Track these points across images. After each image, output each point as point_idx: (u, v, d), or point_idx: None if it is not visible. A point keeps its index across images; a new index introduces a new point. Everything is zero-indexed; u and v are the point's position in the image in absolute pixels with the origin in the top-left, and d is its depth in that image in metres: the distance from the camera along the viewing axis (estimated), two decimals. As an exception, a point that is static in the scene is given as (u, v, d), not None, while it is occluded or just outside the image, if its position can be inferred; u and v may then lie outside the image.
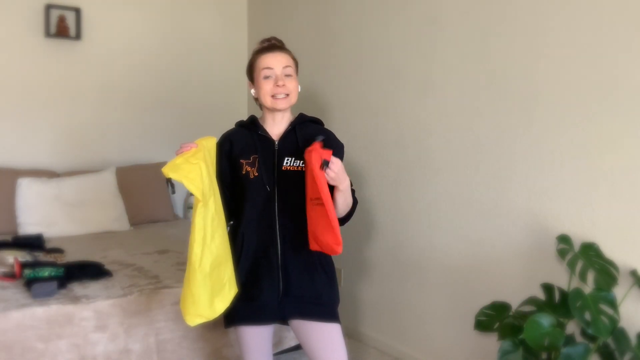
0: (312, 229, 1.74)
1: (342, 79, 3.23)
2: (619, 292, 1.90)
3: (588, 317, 1.83)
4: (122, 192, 3.45)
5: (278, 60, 1.80)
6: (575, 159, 2.11)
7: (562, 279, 2.11)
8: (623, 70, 1.96)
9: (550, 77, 2.18)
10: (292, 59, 1.84)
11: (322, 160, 1.63)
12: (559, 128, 2.15)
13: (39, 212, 3.13)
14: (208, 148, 1.72)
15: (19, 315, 2.01)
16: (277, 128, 1.86)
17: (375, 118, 3.01)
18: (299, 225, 1.80)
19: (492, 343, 2.29)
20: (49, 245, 2.80)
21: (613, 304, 1.86)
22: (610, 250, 2.00)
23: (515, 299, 2.17)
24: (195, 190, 1.57)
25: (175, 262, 2.65)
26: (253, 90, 1.86)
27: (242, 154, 1.83)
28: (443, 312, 2.68)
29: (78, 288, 2.24)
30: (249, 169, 1.80)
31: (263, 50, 1.82)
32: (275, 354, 2.41)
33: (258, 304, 1.80)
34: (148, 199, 3.54)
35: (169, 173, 1.54)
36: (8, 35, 3.37)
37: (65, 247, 2.78)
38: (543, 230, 2.22)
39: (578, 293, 1.87)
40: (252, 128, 1.86)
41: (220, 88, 4.11)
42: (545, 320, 1.87)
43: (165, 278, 2.40)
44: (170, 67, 3.92)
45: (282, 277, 1.80)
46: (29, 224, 3.10)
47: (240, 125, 1.91)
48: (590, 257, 1.96)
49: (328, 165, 1.64)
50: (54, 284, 2.16)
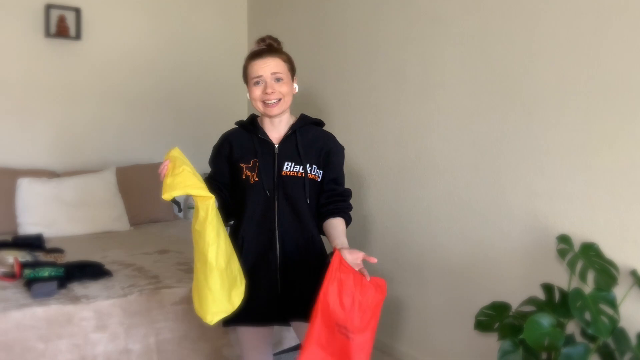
0: (325, 355, 1.61)
1: (342, 79, 3.23)
2: (619, 292, 1.90)
3: (588, 317, 1.82)
4: (122, 192, 3.45)
5: (267, 66, 1.76)
6: (575, 159, 2.10)
7: (562, 279, 2.10)
8: (623, 70, 1.96)
9: (550, 77, 2.18)
10: (283, 62, 1.80)
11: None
12: (559, 128, 2.15)
13: (39, 212, 3.13)
14: (177, 156, 1.65)
15: (19, 315, 2.01)
16: (276, 131, 1.85)
17: (375, 118, 3.00)
18: (299, 230, 1.80)
19: (492, 343, 2.28)
20: (49, 245, 2.80)
21: (613, 304, 1.85)
22: (610, 250, 1.99)
23: (515, 299, 2.17)
24: (201, 192, 1.56)
25: (176, 262, 2.64)
26: (249, 95, 1.84)
27: (241, 158, 1.82)
28: (443, 312, 2.67)
29: (78, 288, 2.24)
30: (249, 174, 1.79)
31: (253, 56, 1.80)
32: (275, 354, 2.41)
33: (258, 305, 1.80)
34: (148, 199, 3.53)
35: (170, 194, 1.53)
36: (8, 35, 3.37)
37: (65, 247, 2.77)
38: (543, 230, 2.22)
39: (578, 293, 1.87)
40: (252, 130, 1.85)
41: (220, 88, 4.11)
42: (545, 320, 1.87)
43: (165, 278, 2.40)
44: (171, 67, 3.92)
45: (280, 279, 1.80)
46: (29, 224, 3.10)
47: (240, 126, 1.91)
48: (590, 257, 1.96)
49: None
50: (54, 284, 2.16)
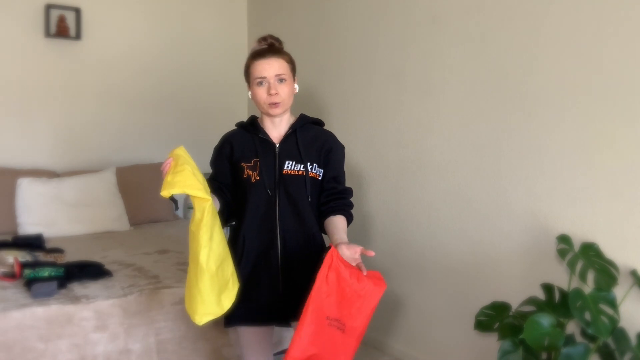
0: (316, 352, 1.58)
1: (342, 79, 3.23)
2: (619, 292, 1.90)
3: (588, 317, 1.82)
4: (122, 192, 3.45)
5: (271, 67, 1.77)
6: (575, 159, 2.10)
7: (562, 279, 2.10)
8: (623, 70, 1.96)
9: (550, 77, 2.18)
10: (286, 63, 1.81)
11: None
12: (559, 128, 2.15)
13: (39, 212, 3.13)
14: (181, 154, 1.66)
15: (19, 315, 2.01)
16: (277, 130, 1.86)
17: (376, 118, 3.01)
18: (300, 228, 1.81)
19: (492, 343, 2.28)
20: (49, 245, 2.80)
21: (613, 304, 1.86)
22: (610, 250, 1.99)
23: (515, 299, 2.17)
24: (199, 193, 1.56)
25: (175, 262, 2.65)
26: (250, 93, 1.85)
27: (243, 157, 1.82)
28: (443, 312, 2.67)
29: (78, 288, 2.24)
30: (251, 173, 1.80)
31: (256, 56, 1.80)
32: (275, 354, 2.41)
33: (258, 305, 1.80)
34: (148, 199, 3.53)
35: (168, 192, 1.54)
36: (8, 35, 3.37)
37: (65, 247, 2.77)
38: (543, 230, 2.22)
39: (578, 293, 1.87)
40: (252, 130, 1.86)
41: (220, 88, 4.11)
42: (545, 320, 1.87)
43: (165, 278, 2.40)
44: (170, 67, 3.92)
45: (282, 279, 1.81)
46: (29, 224, 3.10)
47: (240, 127, 1.91)
48: (590, 257, 1.96)
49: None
50: (54, 284, 2.16)
